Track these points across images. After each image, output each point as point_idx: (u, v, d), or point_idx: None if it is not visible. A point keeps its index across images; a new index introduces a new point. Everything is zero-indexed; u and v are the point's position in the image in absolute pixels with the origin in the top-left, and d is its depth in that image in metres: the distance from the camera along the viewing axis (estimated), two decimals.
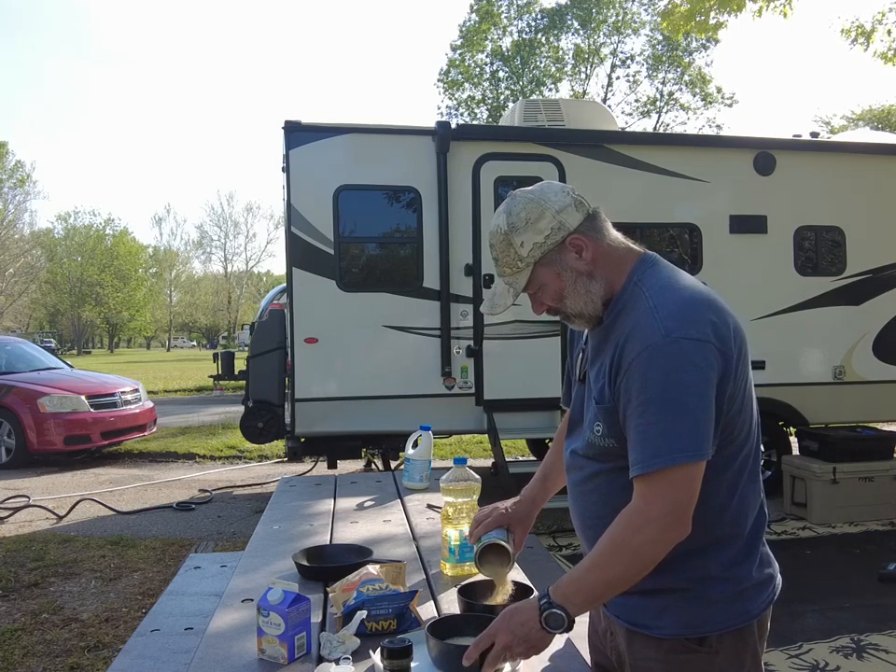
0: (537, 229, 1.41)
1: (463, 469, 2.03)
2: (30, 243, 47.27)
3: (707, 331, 1.31)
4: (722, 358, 1.31)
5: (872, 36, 8.66)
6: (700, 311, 1.34)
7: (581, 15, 25.01)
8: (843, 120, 24.00)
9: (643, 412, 1.30)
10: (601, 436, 1.42)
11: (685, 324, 1.30)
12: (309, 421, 5.99)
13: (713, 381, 1.30)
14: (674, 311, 1.33)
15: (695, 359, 1.28)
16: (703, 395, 1.29)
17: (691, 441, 1.28)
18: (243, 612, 1.69)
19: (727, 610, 1.40)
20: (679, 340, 1.29)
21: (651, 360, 1.30)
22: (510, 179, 6.27)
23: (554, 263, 1.43)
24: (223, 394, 16.15)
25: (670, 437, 1.28)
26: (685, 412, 1.28)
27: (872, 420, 7.00)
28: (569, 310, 1.46)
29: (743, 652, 1.42)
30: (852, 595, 4.33)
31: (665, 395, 1.28)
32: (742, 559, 1.43)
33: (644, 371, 1.30)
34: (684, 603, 1.40)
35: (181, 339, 76.17)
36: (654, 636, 1.41)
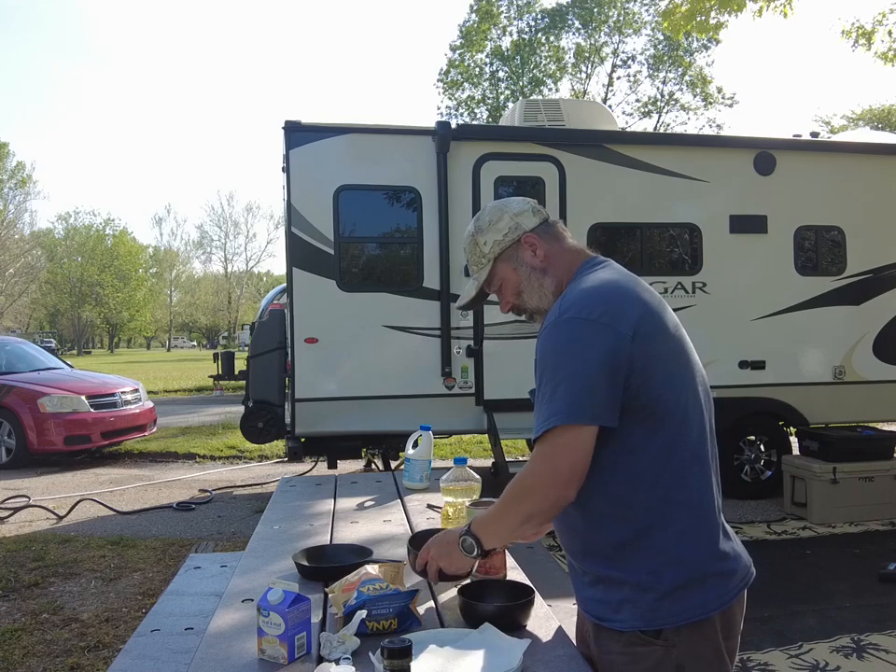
0: (496, 228, 1.63)
1: (463, 469, 2.03)
2: (30, 243, 47.28)
3: (597, 313, 1.43)
4: (614, 337, 1.41)
5: (872, 37, 8.67)
6: (597, 298, 1.47)
7: (582, 14, 25.01)
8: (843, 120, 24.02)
9: (539, 383, 1.47)
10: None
11: (577, 307, 1.45)
12: (309, 421, 5.99)
13: (602, 357, 1.40)
14: (575, 298, 1.48)
15: (581, 336, 1.42)
16: (586, 366, 1.40)
17: (570, 407, 1.39)
18: (243, 612, 1.69)
19: (681, 603, 1.42)
20: (569, 320, 1.44)
21: (545, 338, 1.48)
22: (510, 179, 6.27)
23: (511, 259, 1.63)
24: (223, 394, 16.16)
25: (552, 404, 1.41)
26: (565, 381, 1.41)
27: (872, 420, 7.00)
28: (527, 304, 1.63)
29: (703, 647, 1.44)
30: (852, 595, 4.33)
31: (553, 366, 1.44)
32: (694, 550, 1.45)
33: (540, 348, 1.48)
34: (638, 596, 1.44)
35: (181, 339, 76.18)
36: (615, 629, 1.46)
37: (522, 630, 1.57)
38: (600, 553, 1.49)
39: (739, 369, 6.42)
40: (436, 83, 26.36)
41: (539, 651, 1.48)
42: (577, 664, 1.46)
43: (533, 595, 1.64)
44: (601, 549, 1.48)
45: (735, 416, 6.38)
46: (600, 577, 1.50)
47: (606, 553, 1.48)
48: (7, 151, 42.40)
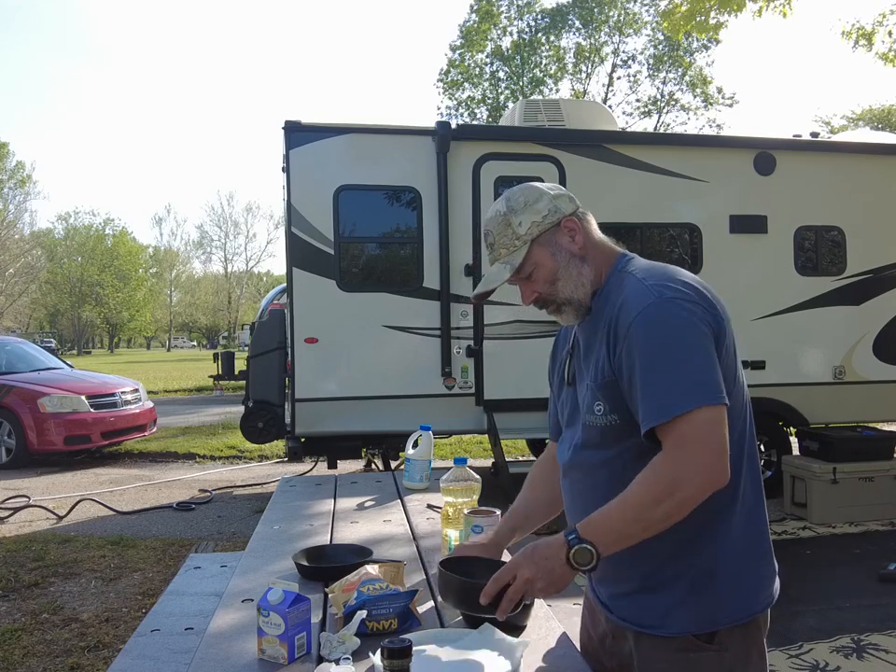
0: (535, 209, 1.49)
1: (463, 469, 2.03)
2: (30, 243, 47.26)
3: (695, 295, 1.38)
4: (713, 320, 1.37)
5: (873, 38, 8.67)
6: (686, 279, 1.42)
7: (582, 14, 25.01)
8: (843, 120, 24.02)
9: (650, 367, 1.34)
10: (603, 414, 1.43)
11: (674, 288, 1.38)
12: (309, 421, 5.98)
13: (710, 337, 1.35)
14: (662, 278, 1.41)
15: (690, 316, 1.35)
16: (703, 346, 1.34)
17: (704, 386, 1.31)
18: (243, 612, 1.69)
19: (736, 604, 1.40)
20: (672, 299, 1.36)
21: (650, 319, 1.35)
22: (510, 179, 6.26)
23: (550, 243, 1.49)
24: (223, 394, 16.17)
25: (684, 384, 1.31)
26: (692, 361, 1.33)
27: (872, 420, 7.00)
28: (560, 294, 1.49)
29: (751, 648, 1.42)
30: (852, 595, 4.33)
31: (670, 348, 1.33)
32: (749, 547, 1.43)
33: (644, 331, 1.35)
34: (691, 598, 1.39)
35: (181, 339, 76.16)
36: (662, 635, 1.40)
37: (522, 630, 1.57)
38: (655, 555, 1.39)
39: None
40: (436, 83, 26.40)
41: (539, 651, 1.48)
42: (577, 664, 1.45)
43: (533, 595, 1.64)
44: (657, 551, 1.38)
45: None
46: (647, 583, 1.41)
47: (662, 555, 1.39)
48: (7, 151, 42.39)
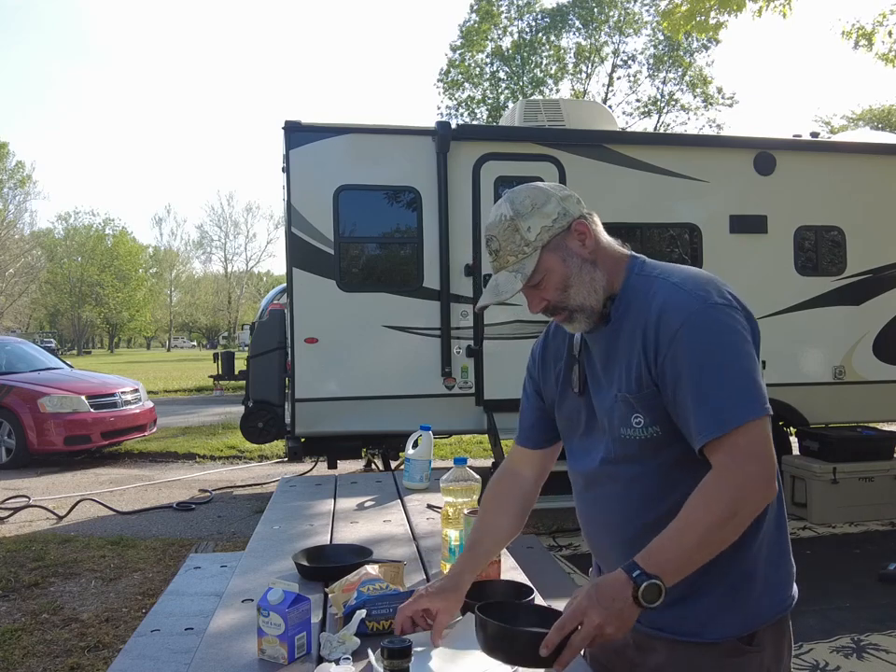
0: (543, 213, 1.40)
1: (463, 469, 2.03)
2: (30, 243, 47.26)
3: (735, 302, 1.36)
4: (752, 327, 1.36)
5: (873, 38, 8.66)
6: (720, 283, 1.39)
7: (582, 14, 25.01)
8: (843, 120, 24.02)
9: (702, 377, 1.29)
10: (643, 427, 1.37)
11: (715, 293, 1.34)
12: (309, 421, 5.98)
13: (752, 344, 1.34)
14: (700, 283, 1.36)
15: (735, 323, 1.32)
16: (751, 353, 1.32)
17: (758, 396, 1.28)
18: (243, 612, 1.69)
19: (771, 602, 1.40)
20: (717, 305, 1.32)
21: (697, 326, 1.31)
22: (510, 179, 6.26)
23: (560, 249, 1.41)
24: (223, 394, 16.17)
25: (738, 395, 1.27)
26: (743, 370, 1.29)
27: (872, 420, 7.00)
28: (572, 301, 1.41)
29: (782, 643, 1.43)
30: (852, 595, 4.33)
31: (721, 356, 1.29)
32: (780, 548, 1.43)
33: (692, 338, 1.30)
34: (733, 602, 1.37)
35: (181, 339, 76.16)
36: (703, 641, 1.37)
37: None
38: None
39: None
40: (436, 83, 26.37)
41: None
42: (577, 663, 1.45)
43: (533, 595, 1.64)
44: None
45: None
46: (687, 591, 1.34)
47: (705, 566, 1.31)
48: (7, 151, 42.38)
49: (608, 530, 1.48)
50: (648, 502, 1.39)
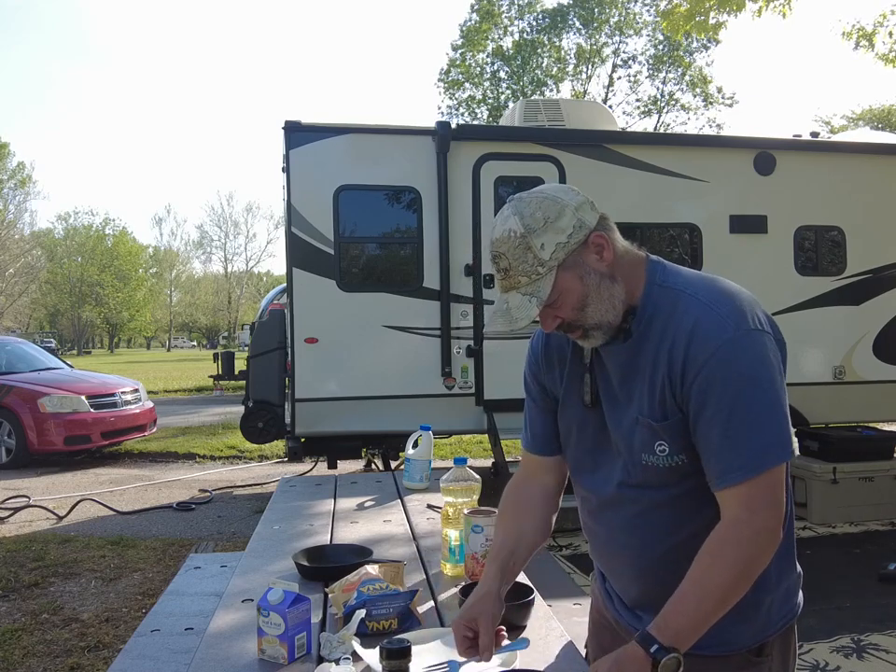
0: (557, 227, 1.26)
1: (463, 469, 2.03)
2: (30, 243, 47.23)
3: (767, 324, 1.28)
4: (780, 349, 1.29)
5: (873, 38, 8.66)
6: (751, 304, 1.30)
7: (583, 15, 25.01)
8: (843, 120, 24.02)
9: (731, 415, 1.21)
10: (668, 455, 1.29)
11: (748, 317, 1.25)
12: (309, 421, 5.98)
13: (783, 373, 1.26)
14: (732, 305, 1.26)
15: (769, 352, 1.24)
16: (782, 387, 1.24)
17: (784, 439, 1.21)
18: (243, 612, 1.69)
19: (779, 611, 1.38)
20: (751, 332, 1.24)
21: (731, 356, 1.21)
22: (510, 179, 6.27)
23: (577, 266, 1.28)
24: (223, 394, 16.17)
25: (767, 436, 1.20)
26: (775, 407, 1.21)
27: (872, 420, 7.00)
28: (589, 320, 1.30)
29: (788, 652, 1.42)
30: (852, 595, 4.33)
31: (755, 391, 1.21)
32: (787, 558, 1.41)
33: (725, 369, 1.21)
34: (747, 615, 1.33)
35: (181, 339, 76.16)
36: (714, 654, 1.33)
37: (522, 630, 1.57)
38: None
39: None
40: (437, 83, 26.43)
41: (538, 651, 1.48)
42: (577, 664, 1.45)
43: (533, 595, 1.64)
44: None
45: None
46: None
47: None
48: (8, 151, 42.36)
49: (625, 553, 1.42)
50: (670, 528, 1.34)
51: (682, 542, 1.31)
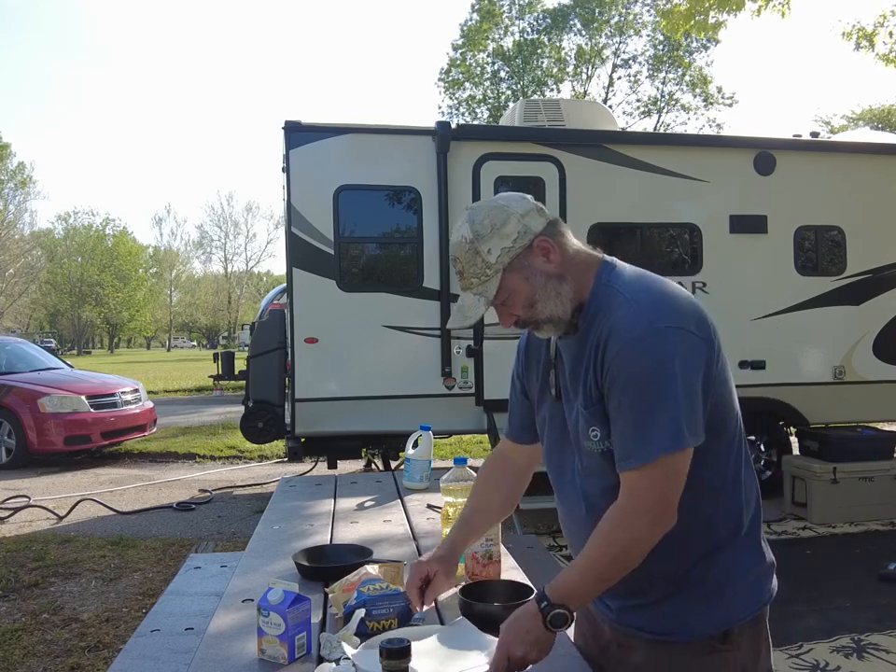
0: (503, 234, 1.39)
1: (463, 468, 2.03)
2: (30, 243, 47.21)
3: (687, 320, 1.34)
4: (705, 345, 1.34)
5: (874, 39, 8.66)
6: (677, 301, 1.36)
7: (583, 15, 25.01)
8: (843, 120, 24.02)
9: (629, 404, 1.31)
10: (599, 440, 1.39)
11: (666, 314, 1.33)
12: (309, 421, 5.98)
13: (698, 367, 1.32)
14: (653, 303, 1.34)
15: (680, 347, 1.30)
16: (689, 382, 1.30)
17: (676, 431, 1.28)
18: (243, 612, 1.69)
19: (745, 600, 1.42)
20: (663, 329, 1.30)
21: (636, 351, 1.30)
22: (510, 179, 6.27)
23: (523, 268, 1.41)
24: (223, 394, 16.17)
25: (657, 428, 1.28)
26: (671, 401, 1.28)
27: (872, 420, 7.00)
28: (540, 315, 1.42)
29: (760, 643, 1.45)
30: (852, 594, 4.33)
31: (652, 385, 1.29)
32: (752, 547, 1.45)
33: (629, 363, 1.31)
34: (708, 602, 1.40)
35: (181, 339, 76.15)
36: (678, 640, 1.41)
37: None
38: (670, 573, 1.40)
39: (739, 369, 6.40)
40: (437, 82, 26.39)
41: None
42: (577, 663, 1.45)
43: (533, 595, 1.64)
44: (672, 570, 1.40)
45: None
46: (662, 596, 1.41)
47: (678, 572, 1.40)
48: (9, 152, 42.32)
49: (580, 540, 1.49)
50: None
51: None
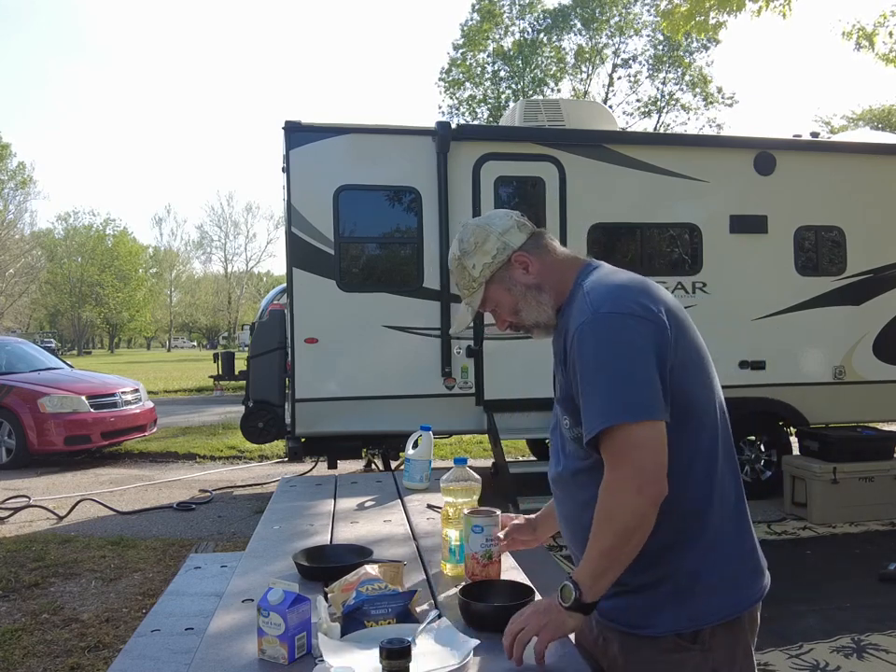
0: (484, 251, 1.56)
1: (463, 469, 2.03)
2: (30, 243, 47.23)
3: (632, 306, 1.41)
4: (654, 328, 1.39)
5: (874, 38, 8.65)
6: (626, 292, 1.45)
7: (584, 15, 25.02)
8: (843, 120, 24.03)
9: (585, 381, 1.40)
10: (569, 428, 1.49)
11: (611, 302, 1.42)
12: (309, 421, 5.99)
13: (647, 348, 1.37)
14: (602, 293, 1.45)
15: (623, 329, 1.39)
16: (637, 359, 1.37)
17: (633, 401, 1.34)
18: (243, 612, 1.69)
19: (718, 602, 1.42)
20: (608, 314, 1.40)
21: (585, 334, 1.41)
22: (510, 179, 6.27)
23: (504, 280, 1.57)
24: (223, 394, 16.16)
25: (611, 399, 1.35)
26: (622, 374, 1.36)
27: (872, 420, 7.00)
28: (526, 321, 1.59)
29: (735, 647, 1.44)
30: (852, 595, 4.33)
31: (600, 361, 1.38)
32: (732, 548, 1.45)
33: (581, 345, 1.41)
34: (675, 598, 1.41)
35: (181, 339, 76.17)
36: (649, 635, 1.43)
37: None
38: (639, 560, 1.40)
39: (739, 369, 6.42)
40: (437, 82, 26.38)
41: None
42: (577, 664, 1.45)
43: (533, 595, 1.64)
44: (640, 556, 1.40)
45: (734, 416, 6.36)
46: (633, 585, 1.43)
47: (646, 560, 1.40)
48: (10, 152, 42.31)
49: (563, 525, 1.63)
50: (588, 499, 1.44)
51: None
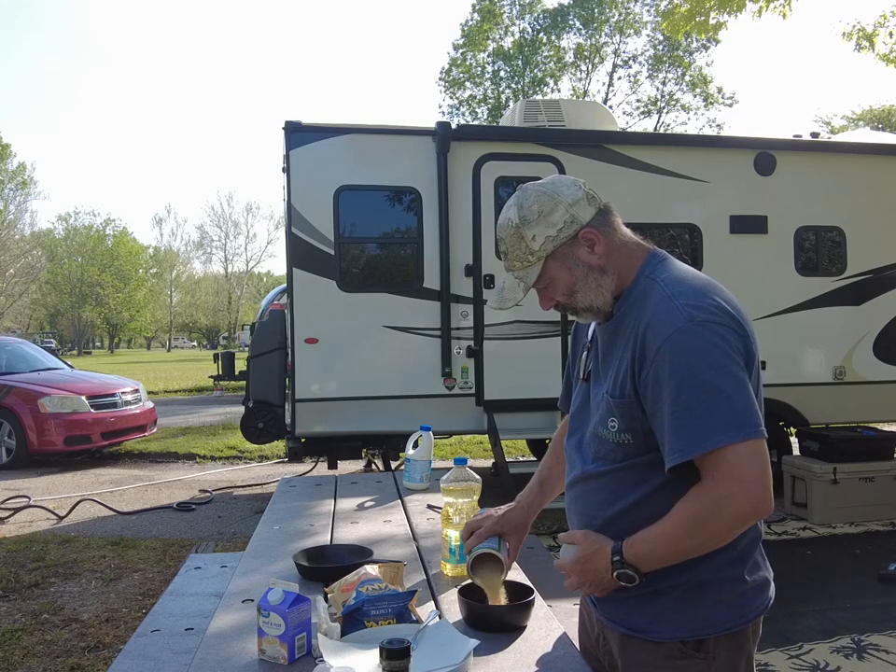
0: (549, 222, 1.39)
1: (463, 469, 2.02)
2: (30, 243, 47.24)
3: (727, 316, 1.32)
4: (742, 342, 1.33)
5: (874, 39, 8.65)
6: (717, 298, 1.35)
7: (583, 15, 25.03)
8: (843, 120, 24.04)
9: (678, 396, 1.28)
10: (616, 432, 1.39)
11: (705, 309, 1.31)
12: (309, 421, 5.98)
13: (741, 362, 1.31)
14: (692, 298, 1.33)
15: (722, 341, 1.29)
16: (736, 374, 1.29)
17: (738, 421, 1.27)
18: (243, 613, 1.69)
19: (725, 613, 1.39)
20: (704, 323, 1.29)
21: (680, 345, 1.29)
22: (510, 179, 6.27)
23: (566, 257, 1.41)
24: (223, 394, 16.16)
25: (712, 418, 1.26)
26: (723, 392, 1.27)
27: (872, 420, 7.00)
28: (579, 304, 1.44)
29: (739, 658, 1.41)
30: (852, 595, 4.33)
31: (701, 377, 1.27)
32: (742, 560, 1.42)
33: (673, 359, 1.29)
34: (683, 605, 1.38)
35: (181, 339, 76.15)
36: (651, 640, 1.40)
37: (522, 630, 1.57)
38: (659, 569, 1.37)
39: None
40: (437, 82, 26.41)
41: (539, 651, 1.48)
42: (577, 664, 1.45)
43: (533, 595, 1.64)
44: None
45: None
46: (641, 591, 1.39)
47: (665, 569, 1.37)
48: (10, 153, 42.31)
49: (574, 521, 1.53)
50: (610, 498, 1.42)
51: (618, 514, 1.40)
